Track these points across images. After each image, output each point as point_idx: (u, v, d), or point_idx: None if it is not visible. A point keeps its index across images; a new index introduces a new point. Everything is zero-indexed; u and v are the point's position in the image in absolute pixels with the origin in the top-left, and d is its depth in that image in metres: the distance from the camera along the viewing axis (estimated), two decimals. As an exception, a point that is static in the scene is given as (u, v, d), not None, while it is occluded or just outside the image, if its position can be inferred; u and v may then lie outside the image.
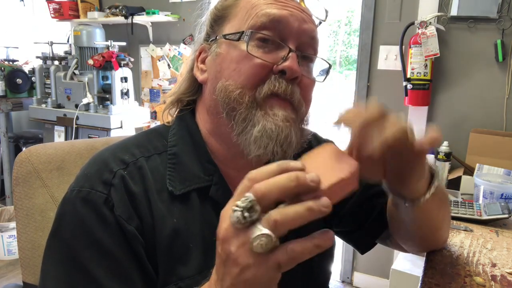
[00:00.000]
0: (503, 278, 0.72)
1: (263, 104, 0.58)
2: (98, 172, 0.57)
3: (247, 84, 0.58)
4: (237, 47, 0.59)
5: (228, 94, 0.58)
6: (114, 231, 0.53)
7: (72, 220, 0.54)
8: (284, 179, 0.38)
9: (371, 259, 2.38)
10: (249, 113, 0.58)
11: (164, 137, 0.65)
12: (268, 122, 0.57)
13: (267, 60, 0.58)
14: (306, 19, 0.61)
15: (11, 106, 2.99)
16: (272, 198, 0.38)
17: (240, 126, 0.58)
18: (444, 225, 0.73)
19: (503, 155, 1.79)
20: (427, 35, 1.91)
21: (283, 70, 0.57)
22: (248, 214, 0.37)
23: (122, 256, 0.53)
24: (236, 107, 0.58)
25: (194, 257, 0.57)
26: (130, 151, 0.61)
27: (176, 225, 0.57)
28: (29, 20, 3.56)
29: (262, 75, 0.58)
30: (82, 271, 0.52)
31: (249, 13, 0.60)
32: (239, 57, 0.58)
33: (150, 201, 0.57)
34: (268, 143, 0.56)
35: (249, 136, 0.57)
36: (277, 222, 0.36)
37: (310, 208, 0.37)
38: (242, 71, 0.58)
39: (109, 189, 0.55)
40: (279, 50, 0.59)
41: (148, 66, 2.97)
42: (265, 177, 0.39)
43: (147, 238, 0.55)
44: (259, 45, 0.59)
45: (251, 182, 0.39)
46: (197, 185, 0.60)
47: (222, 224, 0.40)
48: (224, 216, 0.41)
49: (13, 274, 2.42)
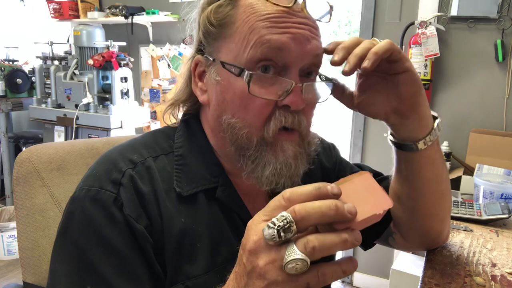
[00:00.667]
0: (503, 278, 0.72)
1: (272, 142, 0.57)
2: (107, 171, 0.57)
3: (254, 123, 0.57)
4: (238, 79, 0.56)
5: (236, 132, 0.58)
6: (123, 230, 0.54)
7: (81, 219, 0.55)
8: (325, 206, 0.39)
9: (371, 259, 2.38)
10: (259, 155, 0.58)
11: (170, 138, 0.65)
12: (278, 163, 0.57)
13: (271, 97, 0.56)
14: (309, 36, 0.57)
15: (11, 106, 2.99)
16: (310, 222, 0.39)
17: (250, 166, 0.58)
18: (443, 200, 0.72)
19: (503, 155, 1.79)
20: (427, 35, 1.91)
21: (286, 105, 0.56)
22: (284, 234, 0.38)
23: (130, 255, 0.53)
24: (245, 146, 0.58)
25: (201, 257, 0.58)
26: (138, 151, 0.61)
27: (184, 225, 0.57)
28: (29, 20, 3.56)
29: (268, 112, 0.57)
30: (91, 269, 0.52)
31: (247, 39, 0.55)
32: (242, 94, 0.56)
33: (159, 201, 0.57)
34: (279, 181, 0.58)
35: (259, 175, 0.58)
36: (315, 249, 0.38)
37: (345, 241, 0.39)
38: (248, 109, 0.57)
39: (118, 188, 0.55)
40: (281, 81, 0.56)
41: (148, 66, 2.97)
42: (303, 199, 0.40)
43: (155, 238, 0.55)
44: (261, 80, 0.56)
45: (287, 202, 0.40)
46: (203, 186, 0.61)
47: (251, 236, 0.41)
48: (251, 227, 0.42)
49: (13, 274, 2.42)
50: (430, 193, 0.69)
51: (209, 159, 0.63)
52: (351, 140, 2.33)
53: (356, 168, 0.81)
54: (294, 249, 0.38)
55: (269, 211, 0.42)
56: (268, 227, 0.38)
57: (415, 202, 0.70)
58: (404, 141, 0.65)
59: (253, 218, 0.43)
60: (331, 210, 0.38)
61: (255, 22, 0.55)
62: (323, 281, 0.39)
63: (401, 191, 0.70)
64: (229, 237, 0.61)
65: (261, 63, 0.55)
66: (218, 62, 0.59)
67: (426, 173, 0.66)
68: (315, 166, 0.76)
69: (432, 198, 0.69)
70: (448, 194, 0.73)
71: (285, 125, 0.57)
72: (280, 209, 0.40)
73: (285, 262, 0.38)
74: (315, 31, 0.58)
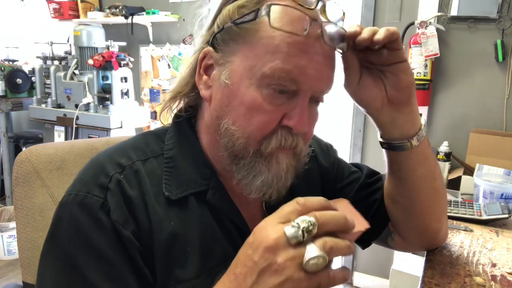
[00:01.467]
0: (503, 278, 0.72)
1: (267, 156, 0.58)
2: (94, 176, 0.57)
3: (254, 136, 0.56)
4: (249, 90, 0.55)
5: (232, 141, 0.57)
6: (111, 235, 0.53)
7: (68, 225, 0.54)
8: (339, 216, 0.45)
9: (371, 259, 2.38)
10: (252, 166, 0.58)
11: (161, 139, 0.64)
12: (270, 175, 0.58)
13: (276, 114, 0.56)
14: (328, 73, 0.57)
15: (11, 106, 2.99)
16: (328, 228, 0.44)
17: (242, 174, 0.58)
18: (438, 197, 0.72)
19: (503, 155, 1.79)
20: (427, 35, 1.91)
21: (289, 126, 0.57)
22: (307, 235, 0.42)
23: (118, 260, 0.53)
24: (239, 156, 0.58)
25: (192, 261, 0.57)
26: (126, 154, 0.60)
27: (174, 229, 0.57)
28: (29, 20, 3.56)
29: (271, 129, 0.56)
30: (78, 275, 0.52)
31: (269, 57, 0.54)
32: (250, 104, 0.55)
33: (147, 204, 0.56)
34: (268, 191, 0.59)
35: (250, 183, 0.58)
36: (332, 249, 0.43)
37: (349, 247, 0.45)
38: (252, 121, 0.56)
39: (105, 193, 0.55)
40: (290, 102, 0.56)
41: (148, 66, 2.97)
42: (317, 207, 0.45)
43: (144, 242, 0.55)
44: (273, 96, 0.55)
45: (303, 207, 0.45)
46: (193, 189, 0.60)
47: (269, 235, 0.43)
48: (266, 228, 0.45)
49: (13, 274, 2.42)
50: (425, 190, 0.69)
51: (200, 161, 0.63)
52: (351, 140, 2.33)
53: (354, 168, 0.81)
54: (315, 247, 0.42)
55: (284, 214, 0.45)
56: (292, 226, 0.43)
57: (410, 201, 0.70)
58: (397, 140, 0.65)
59: (266, 220, 0.46)
60: (342, 220, 0.45)
61: (280, 44, 0.53)
62: (332, 283, 0.44)
63: (395, 192, 0.71)
64: (220, 240, 0.60)
65: (275, 85, 0.55)
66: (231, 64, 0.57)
67: (420, 170, 0.67)
68: (313, 166, 0.76)
69: (427, 196, 0.70)
70: (443, 191, 0.73)
71: (284, 145, 0.57)
72: (296, 213, 0.44)
73: (306, 259, 0.42)
74: (332, 61, 0.58)
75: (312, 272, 0.42)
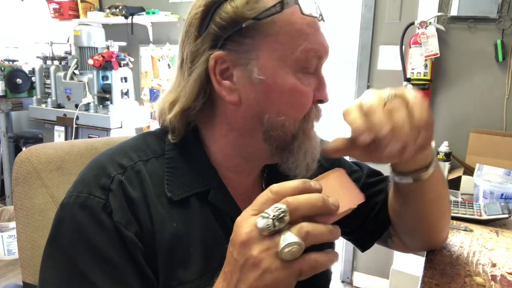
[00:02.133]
0: (503, 278, 0.72)
1: (308, 133, 0.61)
2: (96, 177, 0.56)
3: (299, 118, 0.59)
4: (287, 78, 0.57)
5: (283, 130, 0.58)
6: (113, 237, 0.53)
7: (70, 226, 0.54)
8: (314, 199, 0.42)
9: (371, 259, 2.38)
10: (302, 145, 0.60)
11: (162, 140, 0.64)
12: (314, 149, 0.61)
13: (312, 93, 0.59)
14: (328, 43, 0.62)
15: (11, 106, 2.98)
16: (301, 213, 0.41)
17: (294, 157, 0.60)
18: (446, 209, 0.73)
19: (503, 155, 1.79)
20: (427, 35, 1.91)
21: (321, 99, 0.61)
22: (278, 223, 0.40)
23: (120, 262, 0.52)
24: (290, 141, 0.59)
25: (195, 262, 0.57)
26: (128, 155, 0.60)
27: (176, 229, 0.56)
28: (29, 20, 3.56)
29: (309, 107, 0.60)
30: (80, 277, 0.51)
31: (296, 42, 0.56)
32: (291, 91, 0.57)
33: (149, 205, 0.56)
34: (313, 165, 0.61)
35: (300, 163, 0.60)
36: (309, 234, 0.41)
37: (331, 231, 0.42)
38: (296, 106, 0.59)
39: (107, 194, 0.54)
40: (314, 78, 0.60)
41: (148, 66, 2.97)
42: (290, 192, 0.43)
43: (146, 243, 0.55)
44: (305, 77, 0.58)
45: (275, 195, 0.43)
46: (195, 190, 0.60)
47: (242, 229, 0.42)
48: (241, 223, 0.43)
49: (13, 274, 2.42)
50: (433, 211, 0.69)
51: (202, 161, 0.62)
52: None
53: (355, 167, 0.81)
54: (289, 234, 0.40)
55: (257, 205, 0.43)
56: (262, 217, 0.41)
57: (417, 221, 0.70)
58: (411, 174, 0.62)
59: (241, 215, 0.44)
60: (319, 202, 0.42)
61: (302, 27, 0.57)
62: (315, 267, 0.41)
63: (402, 212, 0.70)
64: (222, 241, 0.59)
65: (306, 67, 0.58)
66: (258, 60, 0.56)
67: (430, 195, 0.65)
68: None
69: (435, 216, 0.70)
70: (449, 207, 0.75)
71: (317, 118, 0.62)
72: (269, 202, 0.42)
73: (280, 247, 0.40)
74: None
75: (289, 260, 0.41)
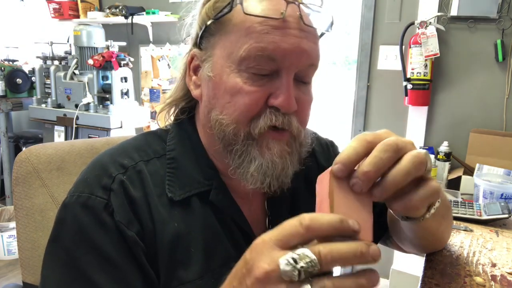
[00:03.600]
0: (503, 278, 0.72)
1: (259, 140, 0.57)
2: (97, 177, 0.57)
3: (241, 120, 0.56)
4: (230, 77, 0.56)
5: (222, 129, 0.57)
6: (114, 236, 0.53)
7: (72, 226, 0.54)
8: (352, 252, 0.36)
9: (371, 259, 2.38)
10: (245, 150, 0.57)
11: (163, 140, 0.64)
12: (264, 160, 0.56)
13: (260, 95, 0.55)
14: (306, 47, 0.55)
15: (11, 106, 2.98)
16: (333, 266, 0.36)
17: (237, 161, 0.58)
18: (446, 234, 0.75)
19: (503, 155, 1.79)
20: (427, 35, 1.91)
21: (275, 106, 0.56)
22: (304, 276, 0.35)
23: (122, 261, 0.53)
24: (232, 142, 0.57)
25: (195, 262, 0.57)
26: (129, 155, 0.60)
27: (177, 229, 0.57)
28: (29, 20, 3.56)
29: (257, 110, 0.56)
30: (82, 277, 0.51)
31: (242, 41, 0.55)
32: (233, 90, 0.56)
33: (150, 205, 0.56)
34: (265, 179, 0.57)
35: (245, 171, 0.57)
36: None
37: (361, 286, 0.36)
38: (237, 106, 0.56)
39: (108, 194, 0.55)
40: (273, 81, 0.56)
41: (148, 66, 2.97)
42: (324, 231, 0.37)
43: (148, 243, 0.55)
44: (254, 78, 0.55)
45: (305, 231, 0.37)
46: (196, 190, 0.60)
47: (261, 262, 0.37)
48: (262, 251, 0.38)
49: (13, 274, 2.42)
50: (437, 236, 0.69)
51: (203, 161, 0.62)
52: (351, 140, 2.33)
53: None
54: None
55: (284, 235, 0.38)
56: (288, 263, 0.35)
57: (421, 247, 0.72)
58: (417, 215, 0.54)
59: (264, 238, 0.39)
60: (356, 257, 0.36)
61: (252, 24, 0.54)
62: None
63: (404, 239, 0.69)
64: (223, 241, 0.60)
65: (254, 67, 0.55)
66: (212, 57, 0.59)
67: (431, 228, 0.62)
68: (312, 165, 0.75)
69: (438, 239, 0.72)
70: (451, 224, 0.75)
71: (275, 124, 0.56)
72: (297, 237, 0.37)
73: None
74: (313, 37, 0.57)
75: None
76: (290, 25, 0.55)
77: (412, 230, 0.60)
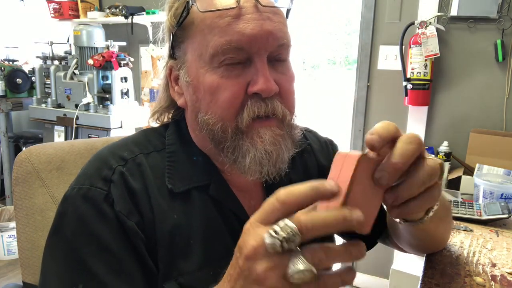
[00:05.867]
0: (503, 278, 0.72)
1: (248, 131, 0.57)
2: (97, 169, 0.58)
3: (226, 116, 0.57)
4: (206, 76, 0.57)
5: (210, 128, 0.58)
6: (115, 227, 0.54)
7: (73, 218, 0.55)
8: (331, 219, 0.36)
9: (371, 259, 2.38)
10: (236, 144, 0.57)
11: (162, 135, 0.66)
12: (257, 151, 0.56)
13: (239, 86, 0.56)
14: (270, 27, 0.55)
15: (11, 106, 2.98)
16: (315, 234, 0.36)
17: (231, 158, 0.58)
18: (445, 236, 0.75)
19: (503, 155, 1.79)
20: (427, 35, 1.91)
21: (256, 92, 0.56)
22: (287, 245, 0.36)
23: (122, 252, 0.53)
24: (222, 140, 0.58)
25: (195, 253, 0.57)
26: (129, 149, 0.61)
27: (177, 221, 0.57)
28: (29, 20, 3.56)
29: (239, 103, 0.56)
30: (83, 267, 0.52)
31: (208, 39, 0.56)
32: (211, 88, 0.56)
33: (150, 197, 0.57)
34: (262, 169, 0.57)
35: (242, 165, 0.57)
36: (322, 260, 0.36)
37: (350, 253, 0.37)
38: (219, 103, 0.56)
39: (109, 185, 0.56)
40: (248, 69, 0.56)
41: (148, 66, 2.97)
42: (299, 202, 0.38)
43: (147, 234, 0.55)
44: (228, 70, 0.56)
45: (282, 205, 0.38)
46: (196, 183, 0.61)
47: (249, 240, 0.38)
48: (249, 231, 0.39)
49: (13, 274, 2.42)
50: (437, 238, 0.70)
51: (201, 157, 0.64)
52: (351, 140, 2.33)
53: None
54: (301, 259, 0.36)
55: (264, 214, 0.39)
56: (270, 235, 0.36)
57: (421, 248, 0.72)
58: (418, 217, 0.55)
59: (250, 221, 0.40)
60: (338, 223, 0.36)
61: (212, 20, 0.55)
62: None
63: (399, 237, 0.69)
64: (223, 233, 0.60)
65: (225, 60, 0.55)
66: (186, 63, 0.60)
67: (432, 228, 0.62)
68: (311, 162, 0.75)
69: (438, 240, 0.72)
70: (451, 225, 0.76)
71: (258, 114, 0.56)
72: (276, 212, 0.38)
73: (291, 272, 0.36)
74: (276, 18, 0.57)
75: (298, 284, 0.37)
76: (248, 10, 0.55)
77: (410, 232, 0.61)
